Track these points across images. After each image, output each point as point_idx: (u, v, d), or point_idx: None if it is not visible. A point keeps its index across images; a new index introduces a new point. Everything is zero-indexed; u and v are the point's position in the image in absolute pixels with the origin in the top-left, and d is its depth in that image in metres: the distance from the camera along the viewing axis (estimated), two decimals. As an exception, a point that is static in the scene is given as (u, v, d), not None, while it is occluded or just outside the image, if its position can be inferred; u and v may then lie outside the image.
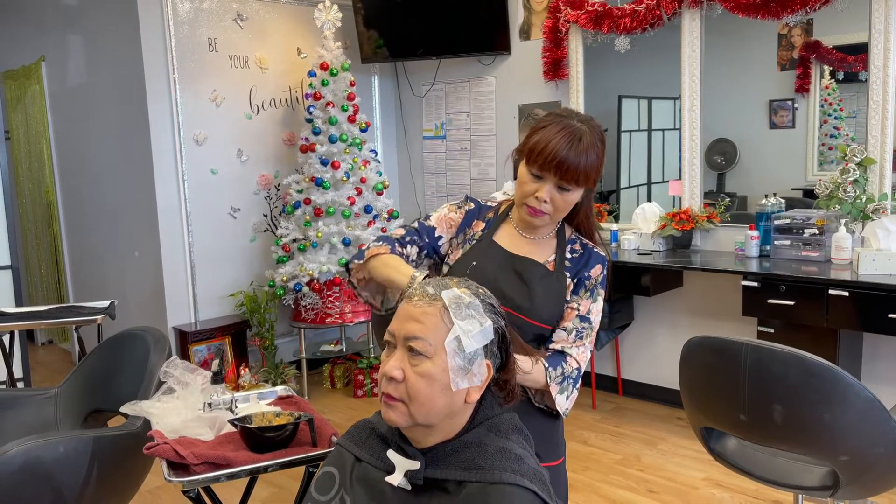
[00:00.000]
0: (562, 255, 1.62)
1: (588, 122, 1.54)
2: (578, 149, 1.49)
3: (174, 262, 4.36)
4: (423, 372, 1.20)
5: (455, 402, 1.23)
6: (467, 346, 1.22)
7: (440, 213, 1.71)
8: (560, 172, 1.50)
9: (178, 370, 2.03)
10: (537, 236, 1.63)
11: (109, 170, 4.66)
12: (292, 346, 4.78)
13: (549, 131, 1.51)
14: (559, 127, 1.51)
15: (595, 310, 1.60)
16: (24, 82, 5.34)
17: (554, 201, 1.54)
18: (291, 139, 4.78)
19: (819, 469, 2.09)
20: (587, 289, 1.60)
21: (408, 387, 1.21)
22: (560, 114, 1.55)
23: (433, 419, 1.23)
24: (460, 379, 1.22)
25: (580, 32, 4.19)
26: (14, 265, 4.15)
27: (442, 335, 1.22)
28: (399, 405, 1.22)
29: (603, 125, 1.63)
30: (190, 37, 4.31)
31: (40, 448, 1.89)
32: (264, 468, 1.78)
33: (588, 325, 1.59)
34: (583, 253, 1.63)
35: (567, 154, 1.49)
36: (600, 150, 1.54)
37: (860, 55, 3.41)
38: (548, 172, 1.51)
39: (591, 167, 1.52)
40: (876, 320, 2.91)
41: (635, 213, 4.07)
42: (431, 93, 5.10)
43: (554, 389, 1.53)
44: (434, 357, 1.21)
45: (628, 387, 4.31)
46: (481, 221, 1.68)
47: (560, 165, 1.49)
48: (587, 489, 3.19)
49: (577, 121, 1.53)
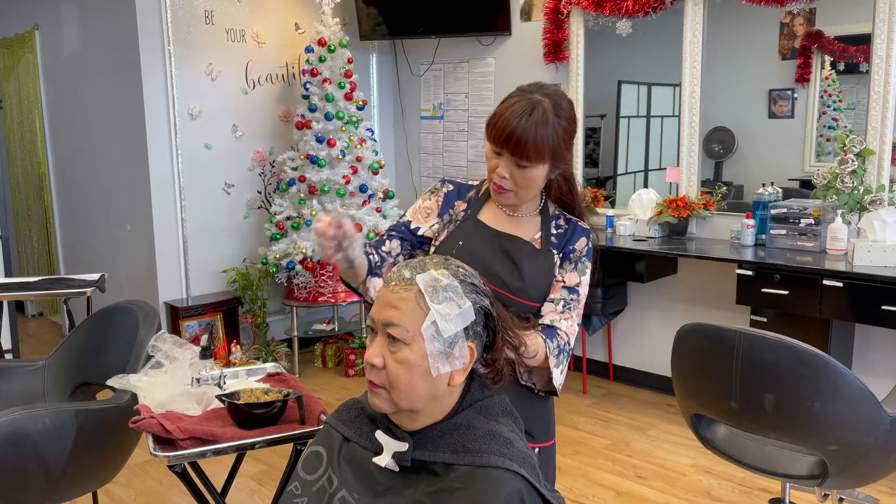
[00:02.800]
0: (547, 232, 1.59)
1: (552, 95, 1.48)
2: (527, 122, 1.44)
3: (167, 236, 4.32)
4: (402, 359, 1.19)
5: (437, 386, 1.21)
6: (445, 330, 1.19)
7: (414, 205, 1.70)
8: (510, 146, 1.46)
9: (167, 345, 2.01)
10: (519, 213, 1.61)
11: (102, 142, 4.61)
12: (284, 325, 4.76)
13: (504, 104, 1.48)
14: (514, 100, 1.47)
15: (583, 282, 1.58)
16: (18, 51, 5.27)
17: (514, 177, 1.50)
18: (287, 115, 4.74)
19: (808, 458, 2.09)
20: (571, 261, 1.57)
21: (388, 374, 1.20)
22: (524, 88, 1.51)
23: (416, 404, 1.21)
24: (440, 364, 1.20)
25: (582, 14, 4.15)
26: (4, 235, 4.11)
27: (419, 321, 1.19)
28: (381, 391, 1.21)
29: (603, 111, 1.60)
30: (186, 9, 4.24)
31: (26, 419, 1.87)
32: (251, 445, 1.77)
33: (576, 297, 1.56)
34: (567, 228, 1.61)
35: (516, 127, 1.44)
36: (559, 124, 1.47)
37: (862, 46, 3.38)
38: (503, 147, 1.47)
39: (542, 142, 1.45)
40: (869, 312, 2.91)
41: (632, 199, 4.05)
42: (430, 72, 5.05)
43: (552, 363, 1.51)
44: (412, 344, 1.19)
45: (619, 372, 4.31)
46: (463, 202, 1.66)
47: (509, 139, 1.45)
48: (576, 473, 3.20)
49: (539, 94, 1.47)
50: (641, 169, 4.35)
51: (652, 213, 3.88)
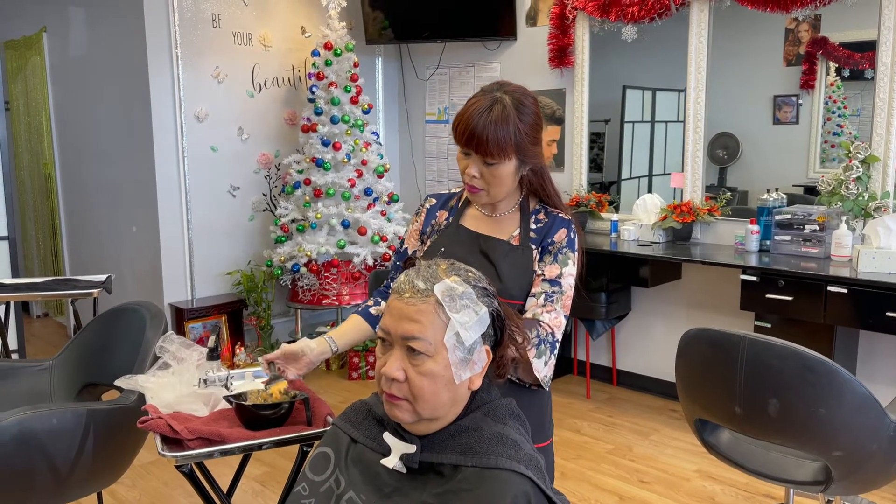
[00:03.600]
0: (526, 228, 1.60)
1: (512, 92, 1.50)
2: (487, 119, 1.46)
3: (172, 238, 4.34)
4: (427, 371, 1.19)
5: (459, 392, 1.23)
6: (466, 339, 1.20)
7: (408, 230, 1.75)
8: (472, 144, 1.48)
9: (174, 345, 2.02)
10: (498, 213, 1.63)
11: (109, 143, 4.63)
12: (288, 327, 4.78)
13: (467, 104, 1.51)
14: (475, 99, 1.50)
15: (565, 273, 1.56)
16: (26, 53, 5.30)
17: (484, 176, 1.52)
18: (293, 119, 4.76)
19: (812, 464, 2.10)
20: (551, 253, 1.57)
21: (411, 386, 1.19)
22: (486, 87, 1.53)
23: (439, 412, 1.22)
24: (463, 371, 1.21)
25: (587, 20, 4.16)
26: (11, 236, 4.13)
27: (440, 332, 1.19)
28: (404, 404, 1.21)
29: (608, 116, 1.62)
30: (193, 12, 4.27)
31: (33, 419, 1.88)
32: (258, 445, 1.78)
33: (558, 289, 1.55)
34: (547, 221, 1.61)
35: (476, 124, 1.46)
36: (521, 119, 1.49)
37: (867, 52, 3.39)
38: (467, 146, 1.50)
39: (503, 138, 1.47)
40: (874, 318, 2.91)
41: (636, 203, 4.06)
42: (435, 76, 5.07)
43: (531, 353, 1.49)
44: (435, 355, 1.19)
45: (623, 377, 4.32)
46: (444, 211, 1.69)
47: (472, 137, 1.47)
48: (578, 477, 3.20)
49: (500, 92, 1.50)
50: (646, 174, 4.36)
51: (656, 219, 3.89)
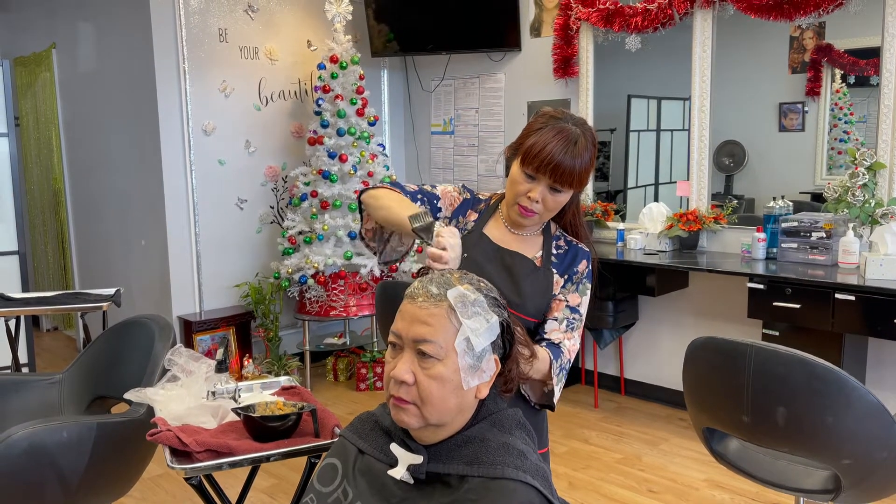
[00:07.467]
0: (548, 252, 1.67)
1: (582, 125, 1.58)
2: (574, 152, 1.54)
3: (180, 251, 4.36)
4: (436, 375, 1.20)
5: (466, 399, 1.23)
6: (477, 345, 1.22)
7: (445, 186, 1.77)
8: (555, 175, 1.54)
9: (183, 358, 2.03)
10: (525, 232, 1.68)
11: (118, 158, 4.67)
12: (296, 338, 4.79)
13: (545, 134, 1.55)
14: (555, 130, 1.55)
15: (584, 302, 1.66)
16: (35, 69, 5.36)
17: (545, 202, 1.58)
18: (299, 131, 4.78)
19: (821, 472, 2.09)
20: (574, 283, 1.65)
21: (420, 390, 1.20)
22: (555, 115, 1.59)
23: (445, 419, 1.23)
24: (471, 377, 1.22)
25: (591, 30, 4.18)
26: (21, 251, 4.16)
27: (451, 336, 1.21)
28: (411, 408, 1.22)
29: (613, 125, 1.67)
30: (200, 27, 4.31)
31: (44, 433, 1.90)
32: (267, 457, 1.79)
33: (578, 317, 1.64)
34: (568, 249, 1.68)
35: (563, 158, 1.53)
36: (593, 153, 1.59)
37: (872, 59, 3.39)
38: (543, 175, 1.55)
39: (584, 171, 1.57)
40: (882, 325, 2.90)
41: (642, 212, 4.06)
42: (441, 88, 5.09)
43: (554, 381, 1.58)
44: (445, 359, 1.20)
45: (631, 386, 4.31)
46: (474, 212, 1.73)
47: (556, 169, 1.53)
48: (588, 487, 3.19)
49: (571, 124, 1.57)
50: (652, 182, 4.36)
51: (662, 227, 3.89)
